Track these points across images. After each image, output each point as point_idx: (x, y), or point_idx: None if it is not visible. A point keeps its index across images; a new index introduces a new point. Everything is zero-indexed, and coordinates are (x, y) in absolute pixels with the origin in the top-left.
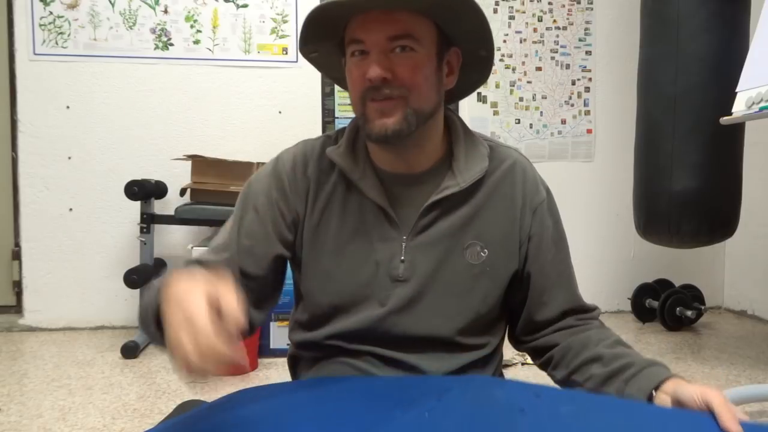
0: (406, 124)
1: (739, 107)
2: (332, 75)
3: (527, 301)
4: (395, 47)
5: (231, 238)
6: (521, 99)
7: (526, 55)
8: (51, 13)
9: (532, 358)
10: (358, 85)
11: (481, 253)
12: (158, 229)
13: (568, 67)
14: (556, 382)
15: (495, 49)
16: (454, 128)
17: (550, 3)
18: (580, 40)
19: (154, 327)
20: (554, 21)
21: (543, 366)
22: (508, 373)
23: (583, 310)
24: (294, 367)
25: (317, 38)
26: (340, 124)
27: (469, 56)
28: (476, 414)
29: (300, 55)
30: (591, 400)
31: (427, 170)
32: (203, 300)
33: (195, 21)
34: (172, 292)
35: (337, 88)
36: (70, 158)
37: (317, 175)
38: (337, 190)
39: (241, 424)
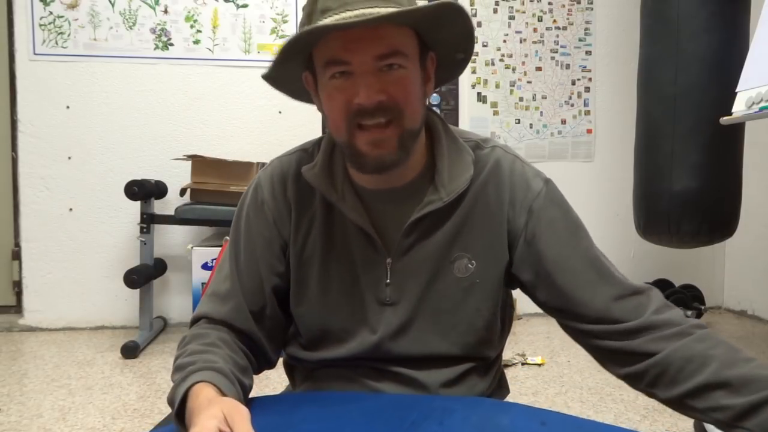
0: (404, 152)
1: (739, 107)
2: (287, 88)
3: (565, 299)
4: (383, 66)
5: (233, 283)
6: (521, 99)
7: (526, 55)
8: (51, 13)
9: (611, 368)
10: (343, 111)
11: (469, 265)
12: (158, 229)
13: (568, 67)
14: (660, 401)
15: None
16: (436, 133)
17: (550, 3)
18: (580, 40)
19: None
20: (554, 21)
21: (631, 379)
22: (509, 373)
23: (638, 292)
24: (291, 372)
25: (284, 58)
26: None
27: (444, 59)
28: None
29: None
30: (600, 431)
31: (410, 182)
32: None
33: (195, 21)
34: (191, 422)
35: None
36: (70, 158)
37: (297, 198)
38: (318, 212)
39: None
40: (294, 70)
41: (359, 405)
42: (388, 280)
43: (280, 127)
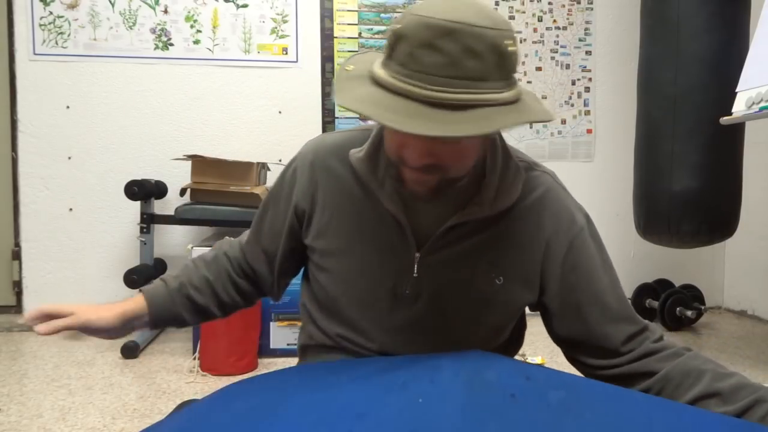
0: (438, 193)
1: (739, 107)
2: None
3: (588, 331)
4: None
5: (255, 225)
6: None
7: (526, 55)
8: (51, 13)
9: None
10: (392, 151)
11: (496, 281)
12: (158, 229)
13: (568, 67)
14: None
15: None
16: (493, 146)
17: (550, 3)
18: (580, 40)
19: None
20: (554, 21)
21: None
22: None
23: (647, 328)
24: (304, 354)
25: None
26: (339, 125)
27: None
28: (468, 401)
29: (299, 55)
30: (582, 386)
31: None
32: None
33: (195, 21)
34: None
35: None
36: (70, 158)
37: (333, 173)
38: (353, 192)
39: (237, 416)
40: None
41: (349, 372)
42: (415, 273)
43: (280, 127)
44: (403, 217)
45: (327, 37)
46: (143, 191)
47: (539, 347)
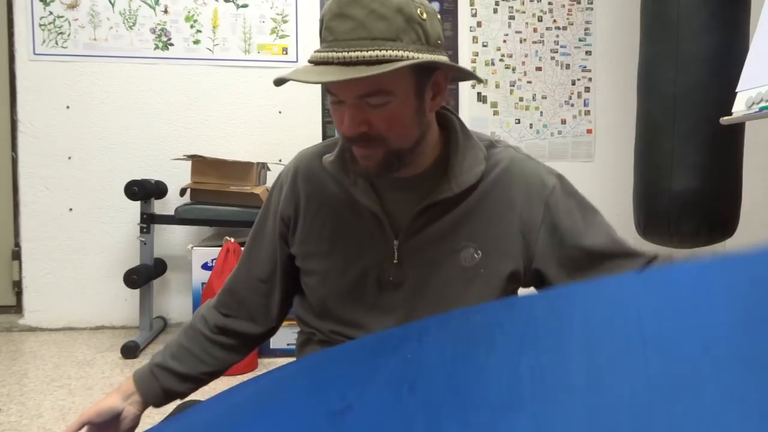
0: (388, 167)
1: (739, 107)
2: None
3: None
4: (367, 101)
5: (245, 253)
6: (521, 99)
7: (526, 55)
8: (51, 13)
9: None
10: (339, 131)
11: (475, 255)
12: (158, 229)
13: (568, 67)
14: None
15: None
16: (453, 130)
17: (550, 3)
18: (580, 40)
19: None
20: (554, 21)
21: None
22: None
23: (655, 258)
24: (304, 347)
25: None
26: None
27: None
28: (457, 345)
29: (299, 55)
30: (561, 295)
31: (422, 173)
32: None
33: (195, 21)
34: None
35: None
36: (70, 158)
37: (314, 183)
38: (332, 194)
39: (236, 405)
40: None
41: (339, 350)
42: (395, 260)
43: (280, 127)
44: (378, 209)
45: None
46: (143, 191)
47: None
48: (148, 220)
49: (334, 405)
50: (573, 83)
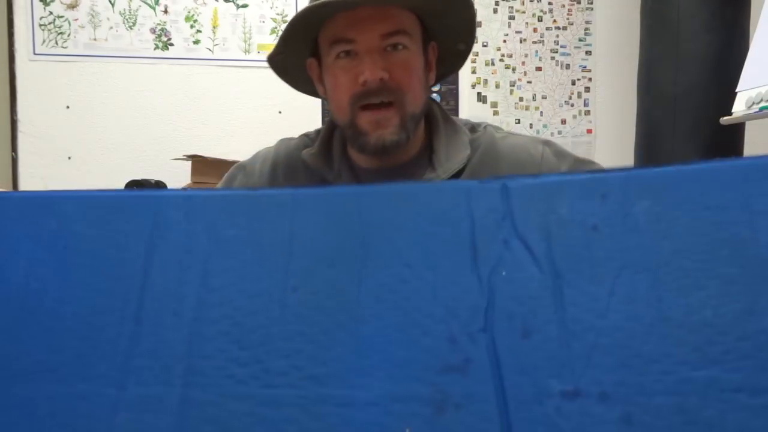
0: (404, 134)
1: (739, 107)
2: (290, 78)
3: None
4: (387, 45)
5: None
6: (521, 99)
7: (526, 55)
8: (51, 13)
9: None
10: (348, 90)
11: None
12: None
13: (568, 67)
14: None
15: (474, 42)
16: (434, 117)
17: (550, 3)
18: (580, 40)
19: None
20: (554, 21)
21: None
22: None
23: None
24: None
25: (291, 40)
26: None
27: (444, 51)
28: (549, 258)
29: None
30: (661, 180)
31: (407, 162)
32: None
33: (195, 21)
34: None
35: None
36: (70, 158)
37: (290, 176)
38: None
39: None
40: (297, 57)
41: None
42: None
43: (280, 127)
44: None
45: None
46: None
47: None
48: None
49: None
50: (573, 83)
